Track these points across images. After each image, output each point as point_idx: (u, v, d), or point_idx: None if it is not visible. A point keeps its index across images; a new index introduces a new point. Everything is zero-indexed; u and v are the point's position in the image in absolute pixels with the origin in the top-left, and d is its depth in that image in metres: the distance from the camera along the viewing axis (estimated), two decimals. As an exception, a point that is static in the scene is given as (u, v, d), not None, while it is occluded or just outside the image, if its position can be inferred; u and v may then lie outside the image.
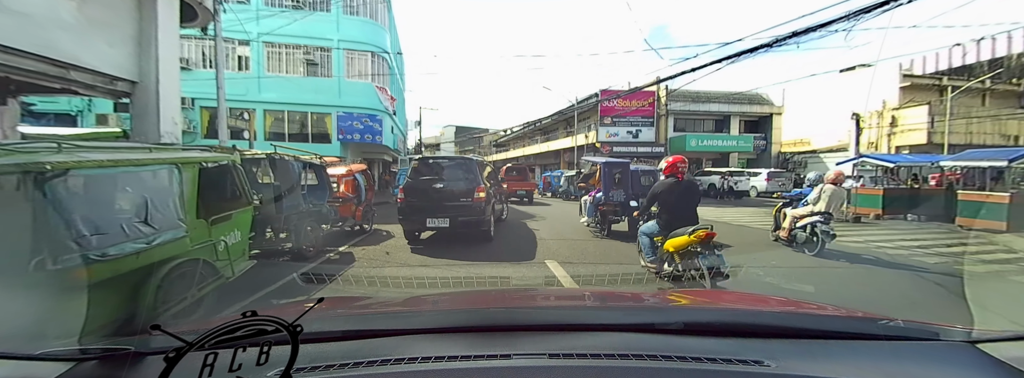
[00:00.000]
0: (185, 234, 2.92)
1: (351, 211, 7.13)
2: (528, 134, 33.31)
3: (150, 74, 5.38)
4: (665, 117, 19.99)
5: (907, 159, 12.43)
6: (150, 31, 5.37)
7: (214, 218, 3.30)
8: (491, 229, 6.78)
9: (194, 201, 3.09)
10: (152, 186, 2.83)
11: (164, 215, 2.82)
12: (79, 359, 0.81)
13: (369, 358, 0.80)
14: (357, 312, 1.34)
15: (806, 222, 5.64)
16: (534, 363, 0.78)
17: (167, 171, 2.92)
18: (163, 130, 5.38)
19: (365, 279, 4.05)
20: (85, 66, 4.79)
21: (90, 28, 4.83)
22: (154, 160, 2.83)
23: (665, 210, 4.01)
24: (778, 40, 6.75)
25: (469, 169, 6.62)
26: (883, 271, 5.02)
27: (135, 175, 2.70)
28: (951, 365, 0.84)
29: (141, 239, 2.57)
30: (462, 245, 6.30)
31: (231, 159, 3.63)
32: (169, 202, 2.89)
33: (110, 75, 5.08)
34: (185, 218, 2.96)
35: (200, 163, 3.20)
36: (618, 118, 19.91)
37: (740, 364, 0.77)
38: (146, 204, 2.70)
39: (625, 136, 20.16)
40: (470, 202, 6.36)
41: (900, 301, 3.73)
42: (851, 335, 0.98)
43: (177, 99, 5.75)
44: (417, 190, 6.37)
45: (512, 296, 1.98)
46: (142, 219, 2.64)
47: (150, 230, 2.65)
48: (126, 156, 2.62)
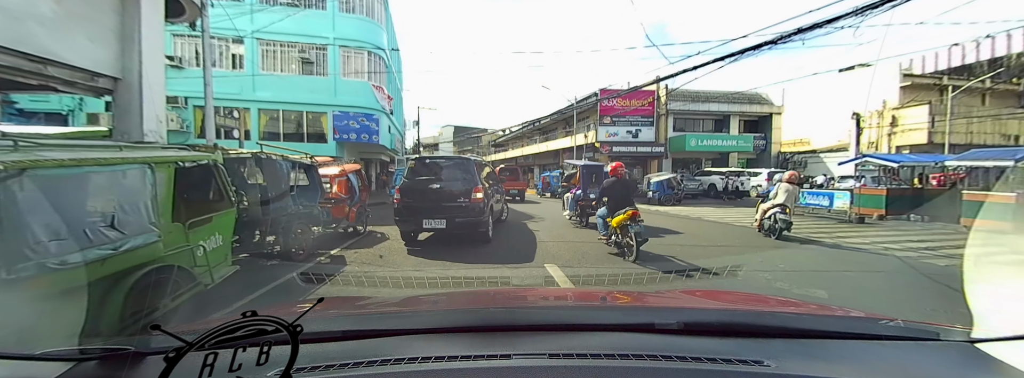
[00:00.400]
0: (158, 239, 2.73)
1: (344, 212, 6.93)
2: (527, 134, 33.11)
3: (133, 70, 5.17)
4: (665, 117, 19.70)
5: (911, 159, 12.29)
6: (133, 26, 5.16)
7: (192, 221, 3.10)
8: (489, 230, 6.61)
9: (169, 203, 2.89)
10: (121, 187, 2.63)
11: (134, 218, 2.63)
12: (79, 359, 0.81)
13: (369, 358, 0.80)
14: (357, 312, 1.33)
15: (770, 213, 7.06)
16: (534, 363, 0.78)
17: (139, 171, 2.72)
18: (147, 128, 5.17)
19: (365, 279, 4.00)
20: (63, 61, 4.58)
21: (69, 22, 4.63)
22: (124, 160, 2.63)
23: (611, 200, 5.82)
24: (783, 37, 6.58)
25: (466, 169, 6.47)
26: (896, 273, 4.89)
27: (102, 176, 2.50)
28: (951, 365, 0.84)
29: (107, 245, 2.37)
30: (459, 246, 6.13)
31: (212, 158, 3.43)
32: (140, 204, 2.69)
33: (90, 71, 4.87)
34: (158, 221, 2.76)
35: (176, 163, 3.00)
36: (618, 118, 19.66)
37: (740, 364, 0.77)
38: (114, 207, 2.50)
39: (625, 136, 19.94)
40: (467, 203, 6.20)
41: (909, 301, 3.65)
42: (851, 335, 0.98)
43: (162, 96, 5.54)
44: (414, 191, 6.24)
45: (512, 296, 1.97)
46: (109, 223, 2.44)
47: (118, 235, 2.45)
48: (91, 155, 2.42)
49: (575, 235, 7.59)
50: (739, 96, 23.63)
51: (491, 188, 7.47)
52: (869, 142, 20.57)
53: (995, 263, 4.10)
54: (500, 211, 8.84)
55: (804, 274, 4.79)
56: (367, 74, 15.72)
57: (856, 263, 5.46)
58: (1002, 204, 7.58)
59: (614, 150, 19.06)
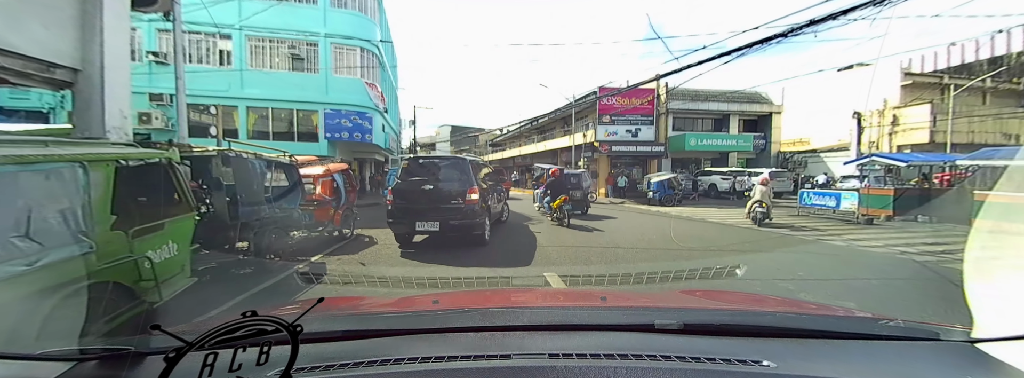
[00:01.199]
0: (90, 250, 2.32)
1: (329, 215, 6.53)
2: (525, 133, 32.67)
3: (94, 62, 4.74)
4: (665, 116, 19.20)
5: (920, 158, 11.98)
6: (94, 13, 4.74)
7: (138, 229, 2.70)
8: (486, 233, 6.28)
9: (107, 208, 2.49)
10: (45, 190, 2.23)
11: (60, 227, 2.23)
12: (79, 359, 0.81)
13: (369, 358, 0.80)
14: (357, 312, 1.32)
15: (752, 207, 9.31)
16: (534, 363, 0.77)
17: (68, 171, 2.32)
18: (109, 125, 4.74)
19: (365, 279, 3.94)
20: (15, 50, 4.16)
21: (21, 7, 4.21)
22: (47, 157, 2.23)
23: (553, 191, 9.69)
24: (794, 29, 6.22)
25: (462, 169, 6.17)
26: (921, 280, 4.55)
27: (14, 176, 2.10)
28: (951, 365, 0.83)
29: (19, 260, 1.97)
30: (453, 249, 5.78)
31: (164, 156, 3.03)
32: (69, 210, 2.29)
33: (46, 61, 4.44)
34: (92, 230, 2.36)
35: (116, 161, 2.59)
36: (617, 116, 19.14)
37: (740, 364, 0.76)
38: (30, 213, 2.10)
39: (624, 135, 19.39)
40: (462, 204, 5.86)
41: (941, 311, 3.31)
42: (851, 335, 0.97)
43: (127, 90, 5.11)
44: (407, 192, 5.96)
45: (512, 296, 1.96)
46: (22, 233, 2.04)
47: (35, 247, 2.06)
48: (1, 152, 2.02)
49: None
50: (739, 95, 23.32)
51: (489, 188, 7.27)
52: (870, 141, 20.33)
53: (995, 260, 3.97)
54: (500, 212, 8.78)
55: (826, 283, 4.44)
56: (360, 69, 15.28)
57: (874, 269, 5.11)
58: (1006, 204, 7.29)
59: (613, 149, 18.54)
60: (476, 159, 8.62)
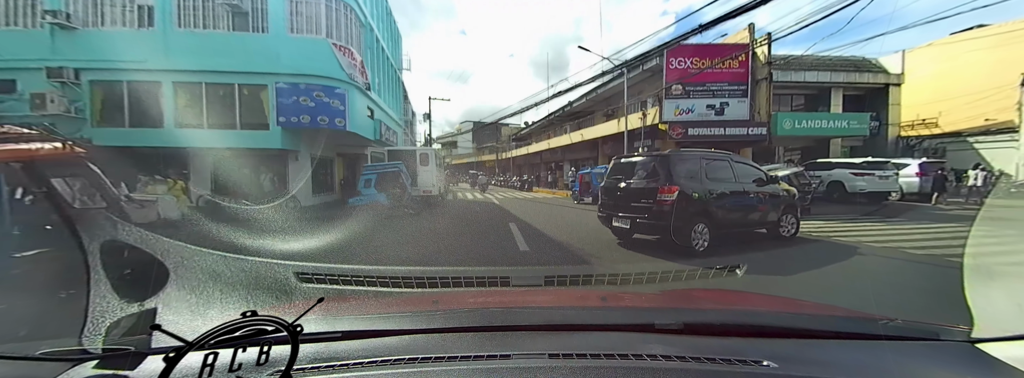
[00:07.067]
0: None
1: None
2: (555, 122, 27.56)
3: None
4: (766, 83, 13.32)
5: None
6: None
7: None
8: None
9: None
10: None
11: None
12: (79, 359, 0.81)
13: (369, 358, 0.80)
14: (357, 312, 1.32)
15: None
16: (534, 363, 0.78)
17: None
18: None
19: (365, 279, 3.58)
20: None
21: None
22: None
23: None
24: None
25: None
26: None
27: None
28: (951, 365, 0.83)
29: None
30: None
31: None
32: None
33: None
34: None
35: None
36: (693, 87, 13.37)
37: (740, 364, 0.77)
38: None
39: (705, 112, 13.49)
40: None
41: None
42: (851, 335, 0.97)
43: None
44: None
45: (512, 296, 2.07)
46: None
47: None
48: None
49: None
50: (842, 62, 17.52)
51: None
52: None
53: (995, 259, 3.95)
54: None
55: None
56: (325, 26, 10.88)
57: None
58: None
59: (689, 133, 12.76)
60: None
